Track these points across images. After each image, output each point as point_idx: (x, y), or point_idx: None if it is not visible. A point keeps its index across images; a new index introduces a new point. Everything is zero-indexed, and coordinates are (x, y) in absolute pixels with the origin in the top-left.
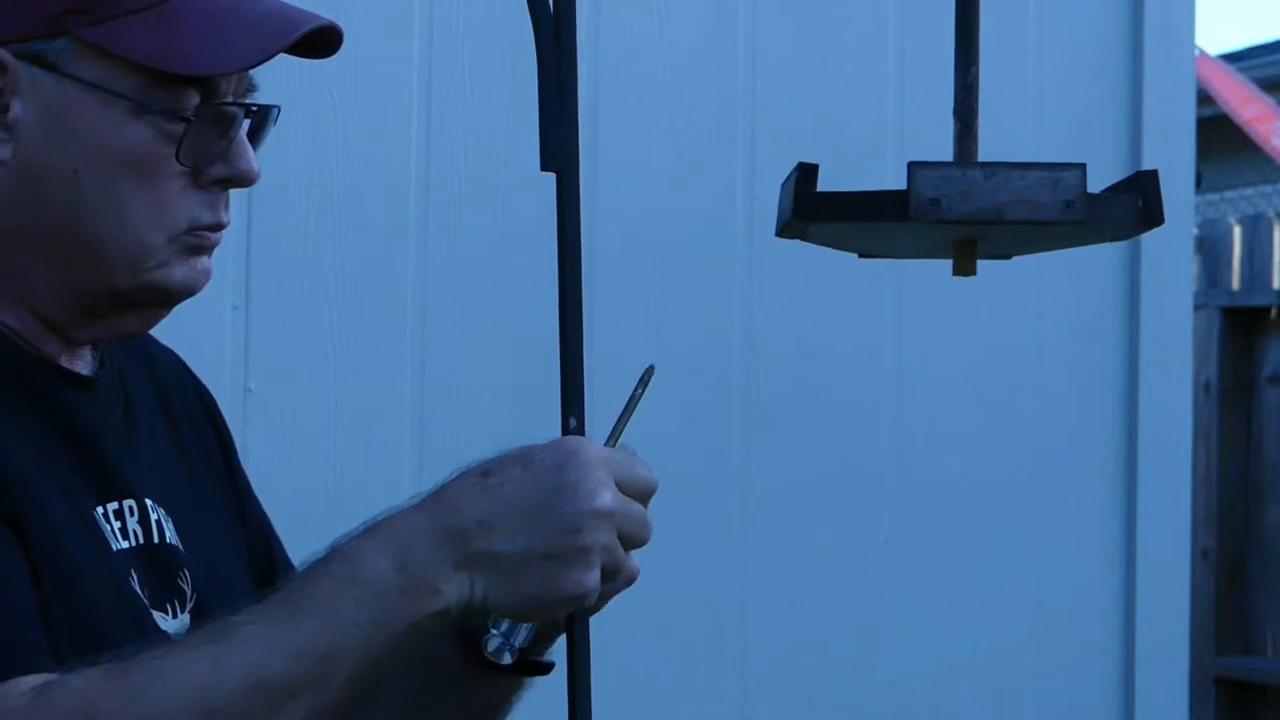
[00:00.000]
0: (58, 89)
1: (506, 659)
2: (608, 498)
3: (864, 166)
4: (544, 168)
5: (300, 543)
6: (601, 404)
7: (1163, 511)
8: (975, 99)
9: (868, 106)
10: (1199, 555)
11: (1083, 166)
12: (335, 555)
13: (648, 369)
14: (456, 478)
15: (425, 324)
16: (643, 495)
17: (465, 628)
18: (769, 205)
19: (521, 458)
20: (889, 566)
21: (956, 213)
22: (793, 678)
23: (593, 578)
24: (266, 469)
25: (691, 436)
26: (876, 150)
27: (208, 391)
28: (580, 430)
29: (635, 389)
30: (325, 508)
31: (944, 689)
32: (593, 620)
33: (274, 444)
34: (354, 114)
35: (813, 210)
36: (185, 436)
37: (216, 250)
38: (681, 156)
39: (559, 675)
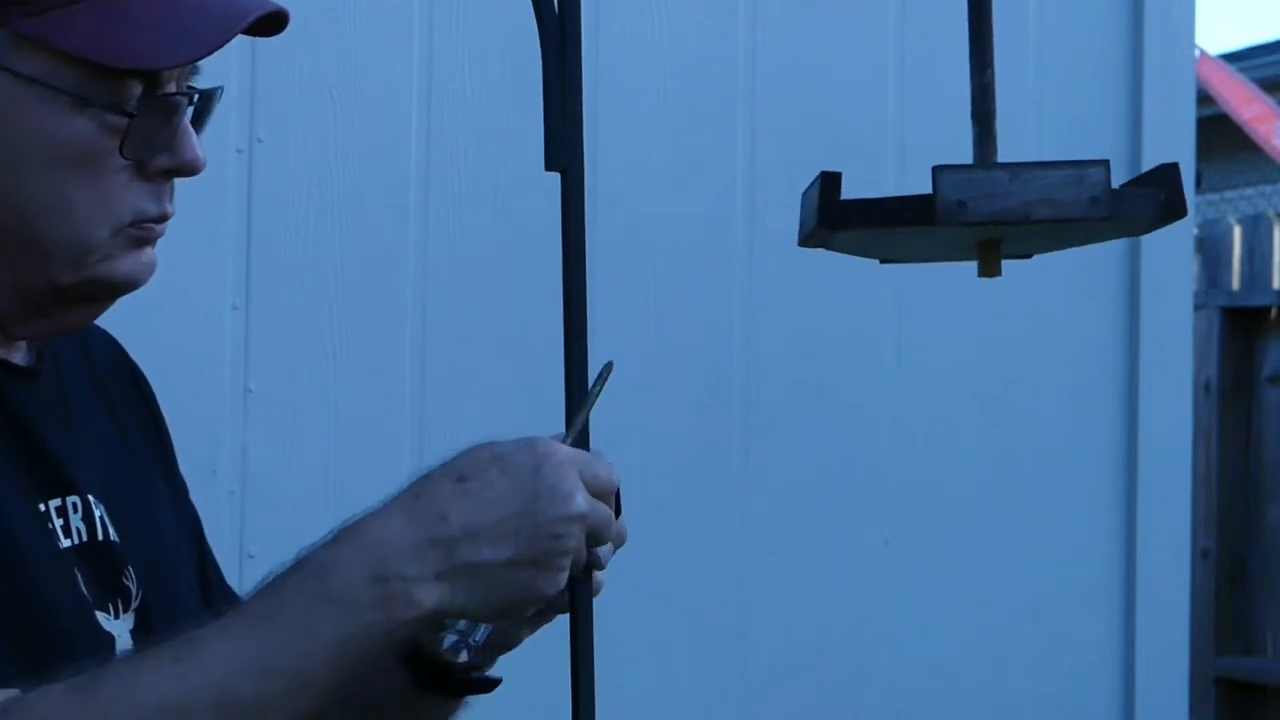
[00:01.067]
0: None
1: (464, 656)
2: (582, 501)
3: (864, 166)
4: (549, 167)
5: (299, 543)
6: (603, 402)
7: (1163, 511)
8: (992, 100)
9: (868, 106)
10: (1199, 555)
11: (1106, 163)
12: (307, 566)
13: (606, 365)
14: (428, 481)
15: (425, 324)
16: (605, 495)
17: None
18: (769, 205)
19: (496, 460)
20: (889, 566)
21: (982, 214)
22: (793, 678)
23: (564, 579)
24: (266, 469)
25: (691, 436)
26: (877, 150)
27: (140, 372)
28: (585, 431)
29: (594, 385)
30: (325, 508)
31: (944, 689)
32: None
33: (274, 444)
34: (354, 114)
35: (837, 219)
36: (125, 421)
37: (216, 250)
38: (681, 156)
39: (561, 675)
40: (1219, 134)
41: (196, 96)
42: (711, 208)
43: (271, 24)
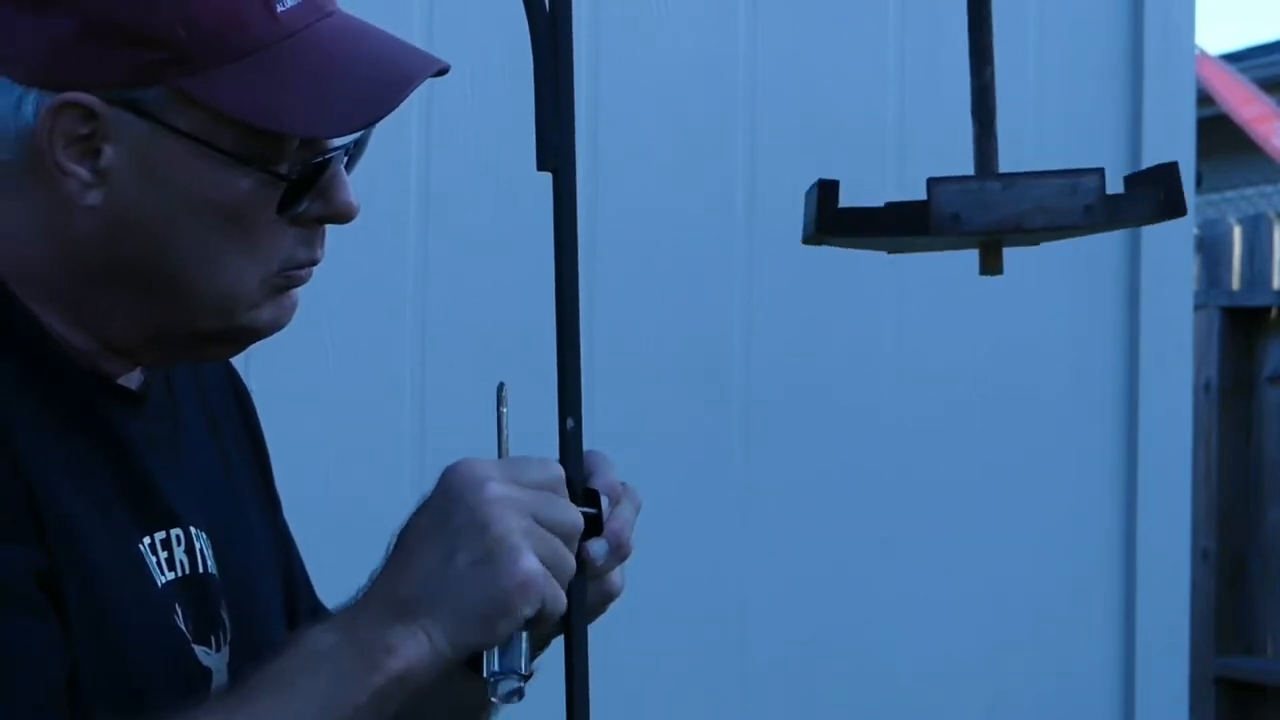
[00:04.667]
0: (152, 137)
1: (521, 688)
2: (495, 486)
3: (864, 166)
4: (540, 167)
5: (300, 543)
6: (603, 403)
7: (1163, 511)
8: (992, 99)
9: (868, 106)
10: (1199, 555)
11: (1101, 171)
12: (288, 642)
13: (499, 385)
14: (384, 558)
15: (425, 324)
16: (542, 487)
17: None
18: (769, 204)
19: (419, 507)
20: (889, 566)
21: (977, 225)
22: (793, 678)
23: (528, 561)
24: None
25: (691, 436)
26: (876, 150)
27: (243, 385)
28: (578, 430)
29: (498, 408)
30: (326, 508)
31: (944, 689)
32: (591, 623)
33: (274, 444)
34: None
35: (834, 226)
36: (227, 442)
37: None
38: (682, 155)
39: (558, 676)
40: (1219, 134)
41: (351, 146)
42: (712, 207)
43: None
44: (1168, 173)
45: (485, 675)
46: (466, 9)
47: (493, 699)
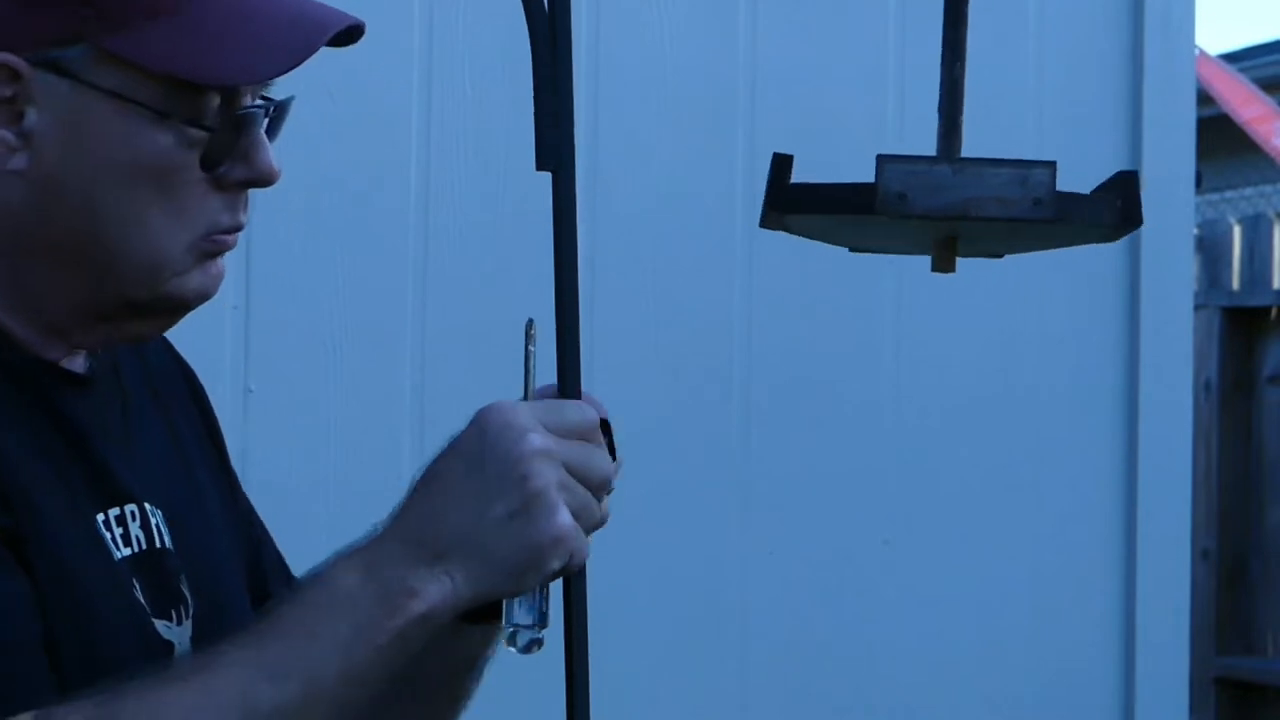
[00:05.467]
0: (75, 97)
1: (541, 638)
2: (535, 438)
3: (864, 166)
4: (539, 167)
5: (301, 543)
6: (602, 402)
7: (1163, 511)
8: (961, 95)
9: (868, 105)
10: (1199, 555)
11: (1053, 164)
12: (307, 582)
13: (528, 322)
14: (407, 493)
15: (425, 324)
16: (577, 434)
17: None
18: None
19: (451, 449)
20: (889, 566)
21: (923, 207)
22: (793, 677)
23: (563, 517)
24: (266, 469)
25: (691, 436)
26: (876, 149)
27: (190, 368)
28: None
29: (526, 345)
30: (326, 508)
31: (943, 689)
32: (591, 619)
33: (274, 444)
34: (354, 114)
35: (785, 202)
36: (177, 422)
37: None
38: (681, 155)
39: (558, 676)
40: (1219, 134)
41: (272, 108)
42: (711, 206)
43: (347, 35)
44: (1127, 181)
45: (505, 626)
46: (466, 9)
47: (512, 649)
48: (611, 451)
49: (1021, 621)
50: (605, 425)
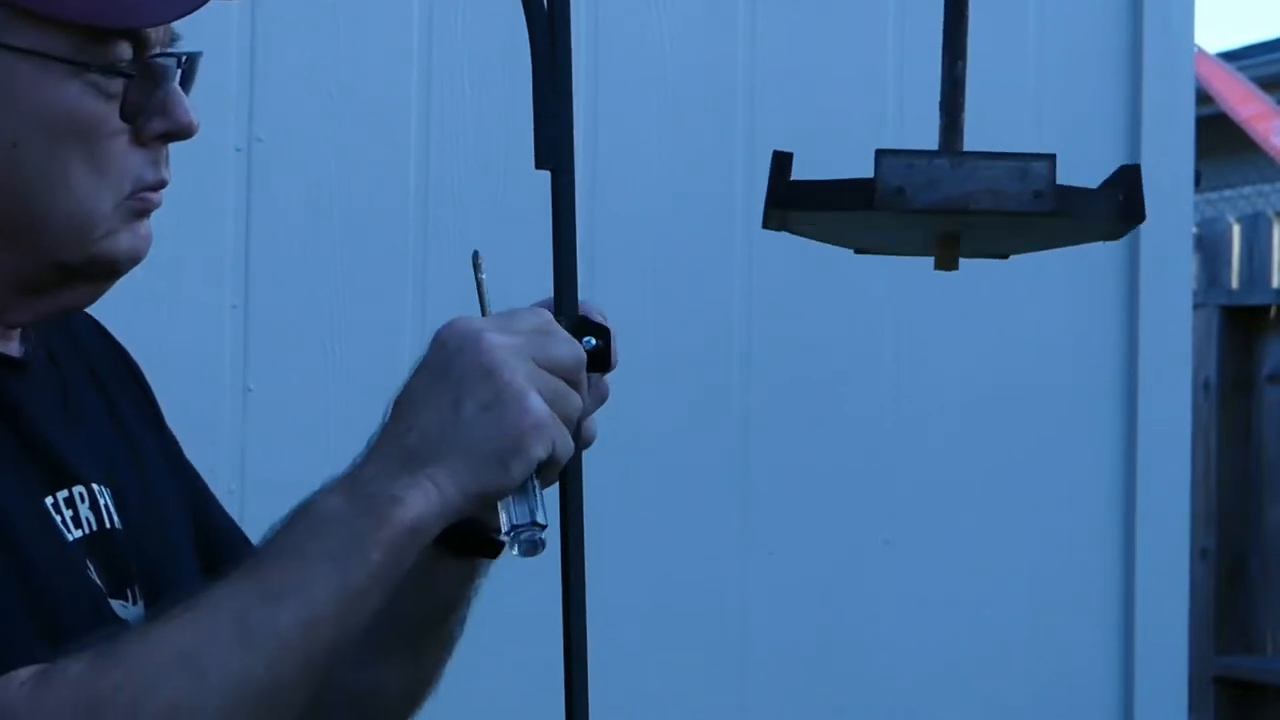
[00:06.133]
0: None
1: (543, 539)
2: (494, 336)
3: (864, 165)
4: (539, 165)
5: None
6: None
7: (1163, 511)
8: (962, 92)
9: (867, 105)
10: (1199, 555)
11: (1052, 157)
12: (292, 514)
13: (474, 253)
14: (380, 424)
15: (425, 324)
16: (538, 331)
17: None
18: None
19: (414, 369)
20: (889, 566)
21: (922, 202)
22: (793, 678)
23: (535, 401)
24: (266, 469)
25: (691, 436)
26: (876, 148)
27: (123, 347)
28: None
29: (476, 275)
30: None
31: (943, 689)
32: (592, 624)
33: (274, 444)
34: (354, 113)
35: (785, 199)
36: (117, 401)
37: (215, 249)
38: (681, 154)
39: (558, 676)
40: (1218, 133)
41: (183, 59)
42: (711, 206)
43: None
44: (1130, 176)
45: (505, 530)
46: (466, 9)
47: (515, 553)
48: (610, 359)
49: (1021, 621)
50: (605, 331)
